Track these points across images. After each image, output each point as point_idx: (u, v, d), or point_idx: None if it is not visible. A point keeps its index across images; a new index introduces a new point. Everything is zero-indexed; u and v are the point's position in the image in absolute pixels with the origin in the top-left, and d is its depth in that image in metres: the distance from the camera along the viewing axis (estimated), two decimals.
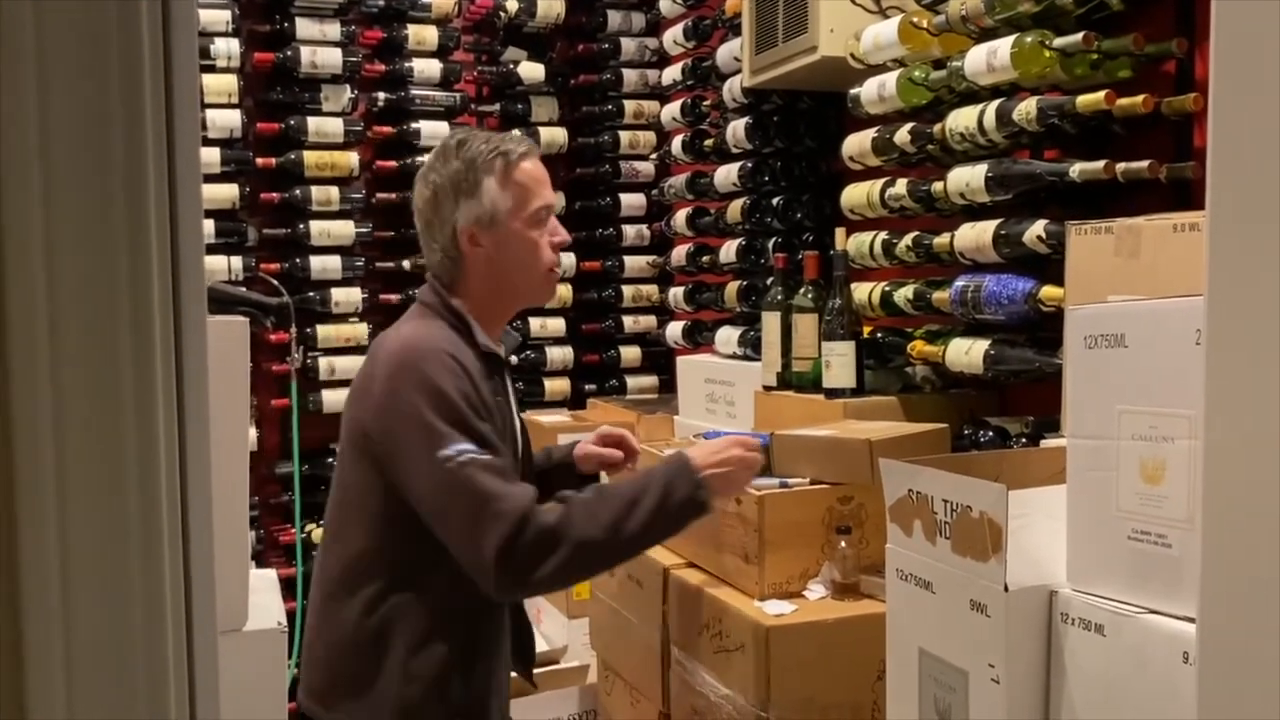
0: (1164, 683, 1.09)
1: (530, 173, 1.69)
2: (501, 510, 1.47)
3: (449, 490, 1.50)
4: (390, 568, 1.60)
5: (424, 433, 1.51)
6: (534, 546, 1.47)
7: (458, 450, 1.49)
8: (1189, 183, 1.80)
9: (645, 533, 1.55)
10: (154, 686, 0.54)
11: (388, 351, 1.60)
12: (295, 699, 1.68)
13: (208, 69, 3.26)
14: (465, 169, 1.66)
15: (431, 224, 1.68)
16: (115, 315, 0.54)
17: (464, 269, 1.68)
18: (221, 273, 3.27)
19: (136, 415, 0.54)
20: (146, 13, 0.56)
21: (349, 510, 1.64)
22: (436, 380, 1.53)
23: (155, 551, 0.54)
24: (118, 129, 0.53)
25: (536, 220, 1.69)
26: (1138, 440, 1.14)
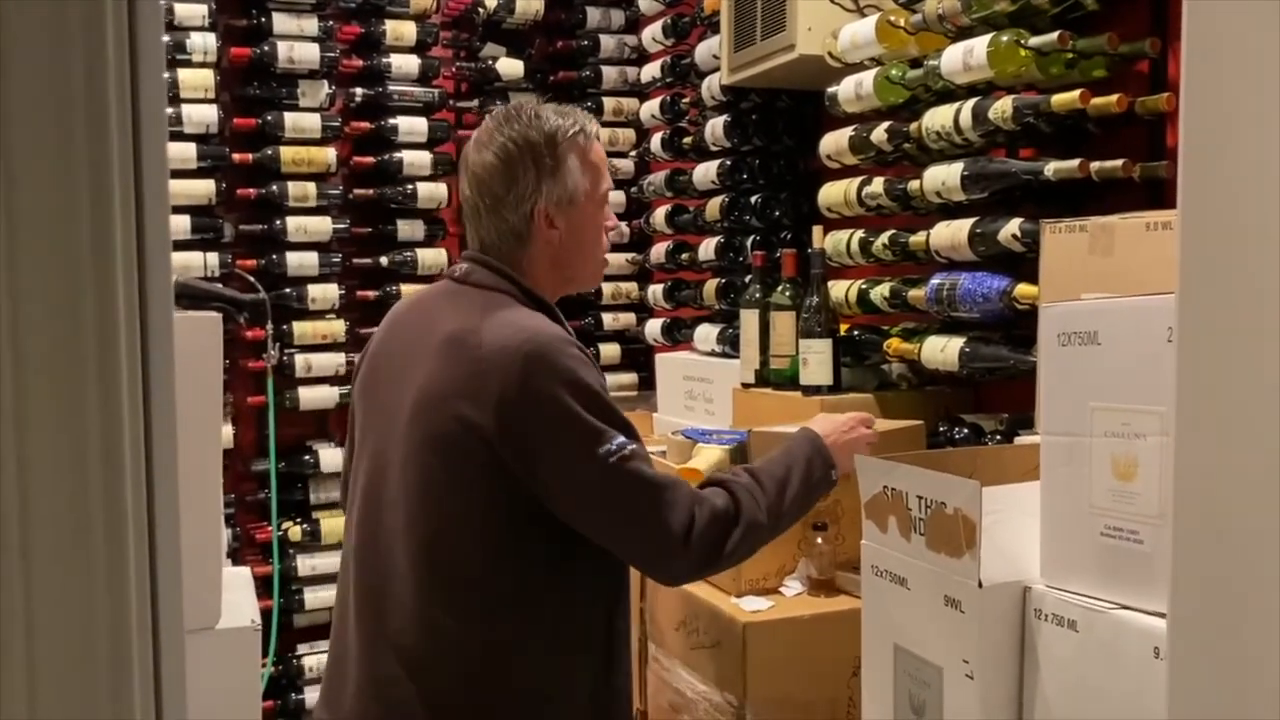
0: (1135, 678, 1.10)
1: (601, 153, 1.61)
2: (676, 498, 1.42)
3: (620, 487, 1.40)
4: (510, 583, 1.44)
5: (579, 431, 1.39)
6: (711, 529, 1.44)
7: (618, 445, 1.40)
8: (1162, 182, 1.81)
9: (792, 513, 1.57)
10: (118, 687, 0.53)
11: (506, 352, 1.40)
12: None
13: (184, 63, 3.24)
14: (546, 142, 1.52)
15: (502, 200, 1.52)
16: (78, 312, 0.53)
17: (528, 249, 1.54)
18: (197, 269, 3.24)
19: (100, 413, 0.54)
20: (111, 6, 0.55)
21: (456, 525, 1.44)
22: (577, 373, 1.41)
23: (120, 551, 0.54)
24: (80, 120, 0.53)
25: (604, 203, 1.61)
26: (1110, 437, 1.15)
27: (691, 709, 1.84)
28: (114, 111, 0.55)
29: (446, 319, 1.49)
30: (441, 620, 1.43)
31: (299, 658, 3.44)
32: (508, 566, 1.44)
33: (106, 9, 0.54)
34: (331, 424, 3.55)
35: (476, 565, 1.44)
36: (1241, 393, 0.74)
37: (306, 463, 3.42)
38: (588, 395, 1.41)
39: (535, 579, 1.45)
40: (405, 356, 1.52)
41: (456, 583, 1.44)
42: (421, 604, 1.44)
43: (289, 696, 3.42)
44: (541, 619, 1.45)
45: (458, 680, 1.44)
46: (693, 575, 1.55)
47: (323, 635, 3.51)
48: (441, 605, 1.44)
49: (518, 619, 1.44)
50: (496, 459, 1.39)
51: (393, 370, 1.54)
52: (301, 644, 3.48)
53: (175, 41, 3.20)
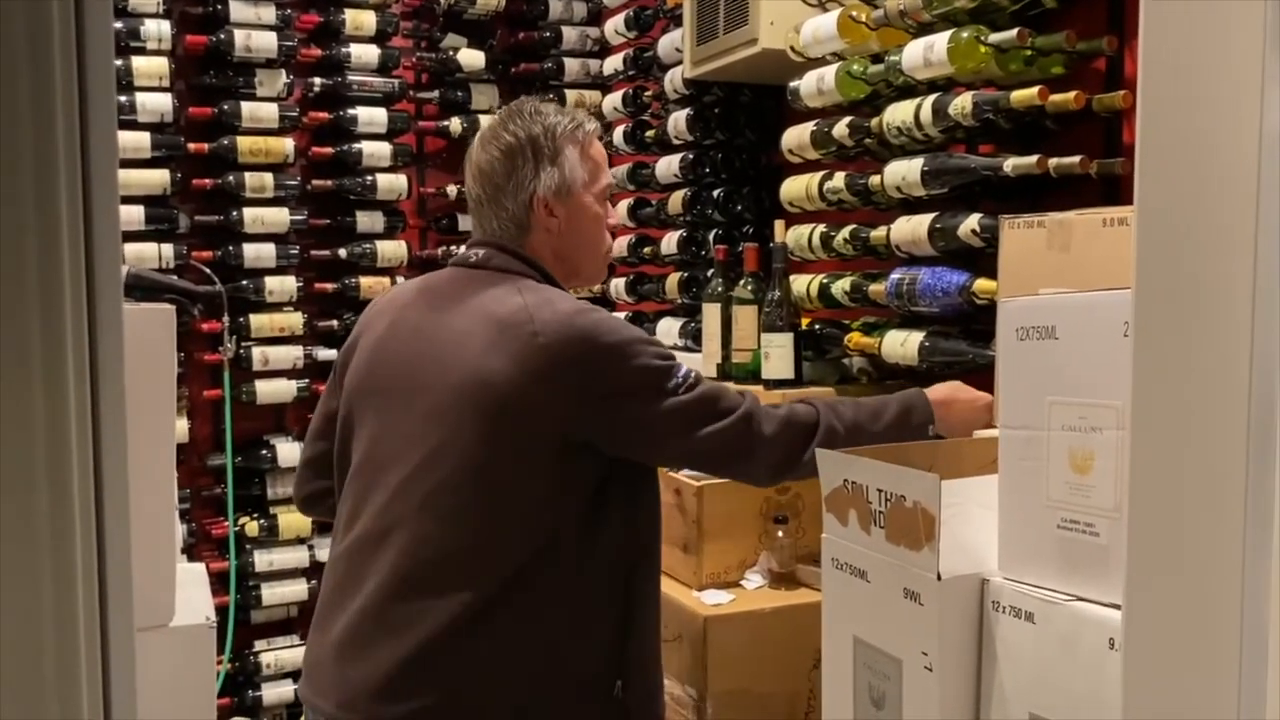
0: (1091, 668, 1.12)
1: (600, 151, 1.68)
2: (737, 398, 1.54)
3: (690, 410, 1.50)
4: (552, 572, 1.47)
5: (653, 378, 1.49)
6: (792, 427, 1.55)
7: (681, 375, 1.51)
8: (1118, 178, 1.83)
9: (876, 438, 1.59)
10: (65, 687, 0.52)
11: (562, 331, 1.46)
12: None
13: (138, 51, 3.18)
14: (545, 135, 1.61)
15: (502, 189, 1.61)
16: (22, 304, 0.52)
17: (530, 238, 1.62)
18: (152, 260, 3.19)
19: (46, 406, 0.52)
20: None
21: (496, 524, 1.46)
22: (625, 331, 1.52)
23: (66, 548, 0.52)
24: (24, 104, 0.51)
25: (605, 198, 1.67)
26: (1067, 431, 1.16)
27: None
28: (59, 96, 0.54)
29: (483, 303, 1.51)
30: (470, 601, 1.43)
31: (256, 654, 3.40)
32: (537, 549, 1.46)
33: None
34: (289, 418, 3.51)
35: (507, 549, 1.45)
36: (1196, 387, 0.75)
37: (264, 457, 3.38)
38: (642, 345, 1.51)
39: (560, 561, 1.48)
40: (430, 343, 1.52)
41: (479, 569, 1.44)
42: (445, 587, 1.44)
43: (246, 694, 3.38)
44: (561, 599, 1.48)
45: (499, 653, 1.44)
46: (779, 466, 1.58)
47: (280, 631, 3.47)
48: (469, 588, 1.44)
49: (541, 599, 1.46)
50: (553, 434, 1.46)
51: (418, 360, 1.53)
52: (259, 640, 3.44)
53: (129, 28, 3.14)
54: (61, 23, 0.54)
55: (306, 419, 3.45)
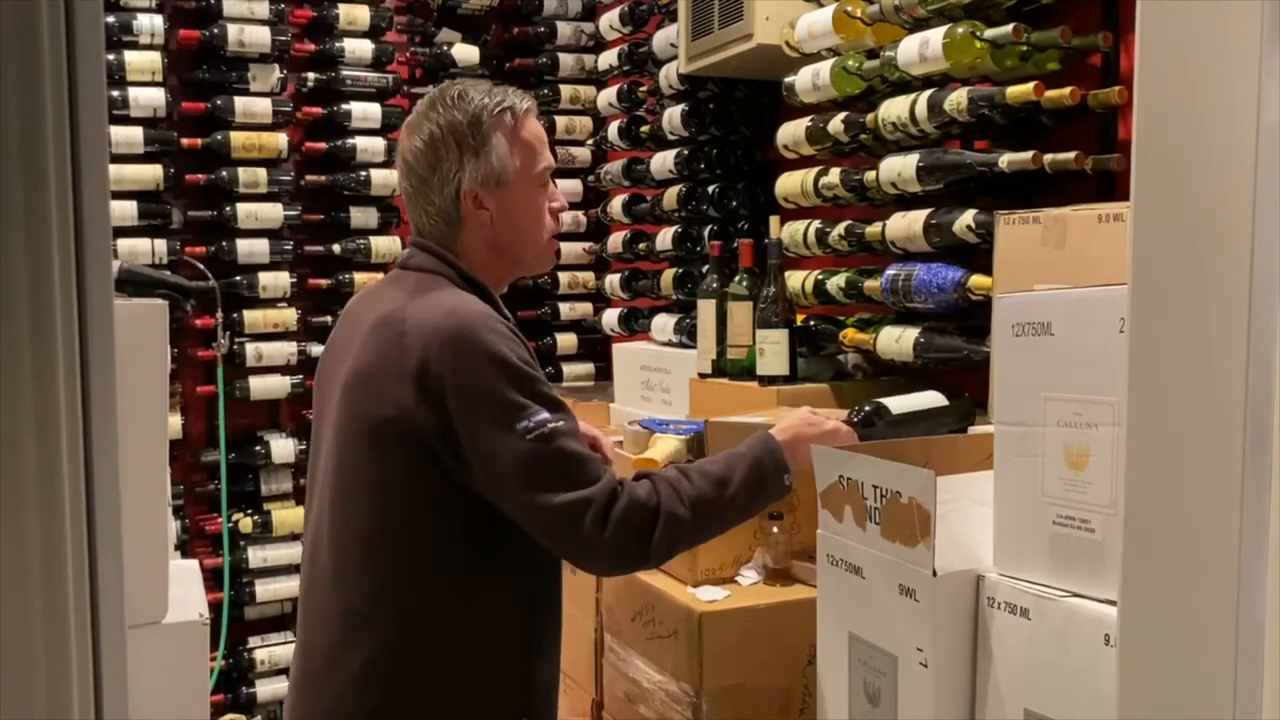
0: (1086, 664, 1.12)
1: (535, 131, 1.57)
2: (595, 480, 1.39)
3: (536, 463, 1.37)
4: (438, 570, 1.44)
5: (497, 405, 1.37)
6: (631, 516, 1.39)
7: (537, 421, 1.38)
8: (1114, 174, 1.83)
9: (733, 512, 1.51)
10: (56, 685, 0.52)
11: (430, 328, 1.40)
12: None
13: (130, 45, 3.16)
14: (470, 122, 1.50)
15: (428, 182, 1.52)
16: (10, 299, 0.51)
17: (461, 233, 1.54)
18: (145, 256, 3.18)
19: (35, 403, 0.52)
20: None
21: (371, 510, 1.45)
22: (497, 347, 1.39)
23: (57, 545, 0.52)
24: (12, 100, 0.51)
25: (541, 183, 1.57)
26: (1063, 427, 1.16)
27: (648, 699, 1.84)
28: (49, 91, 0.53)
29: (381, 303, 1.50)
30: (354, 603, 1.45)
31: (250, 651, 3.39)
32: (421, 548, 1.44)
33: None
34: (283, 414, 3.50)
35: (392, 546, 1.44)
36: (1193, 383, 0.75)
37: (257, 453, 3.37)
38: (508, 370, 1.39)
39: (451, 561, 1.44)
40: (345, 344, 1.53)
41: (369, 565, 1.45)
42: (339, 588, 1.46)
43: (240, 690, 3.37)
44: (450, 604, 1.44)
45: (367, 665, 1.44)
46: (613, 561, 1.44)
47: (274, 628, 3.47)
48: (355, 588, 1.45)
49: (425, 604, 1.44)
50: (419, 437, 1.40)
51: (336, 359, 1.55)
52: (253, 637, 3.44)
53: (121, 23, 3.13)
54: (51, 17, 0.53)
55: (300, 415, 3.47)
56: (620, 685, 1.95)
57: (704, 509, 1.46)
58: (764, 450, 1.54)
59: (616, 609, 1.97)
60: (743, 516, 1.57)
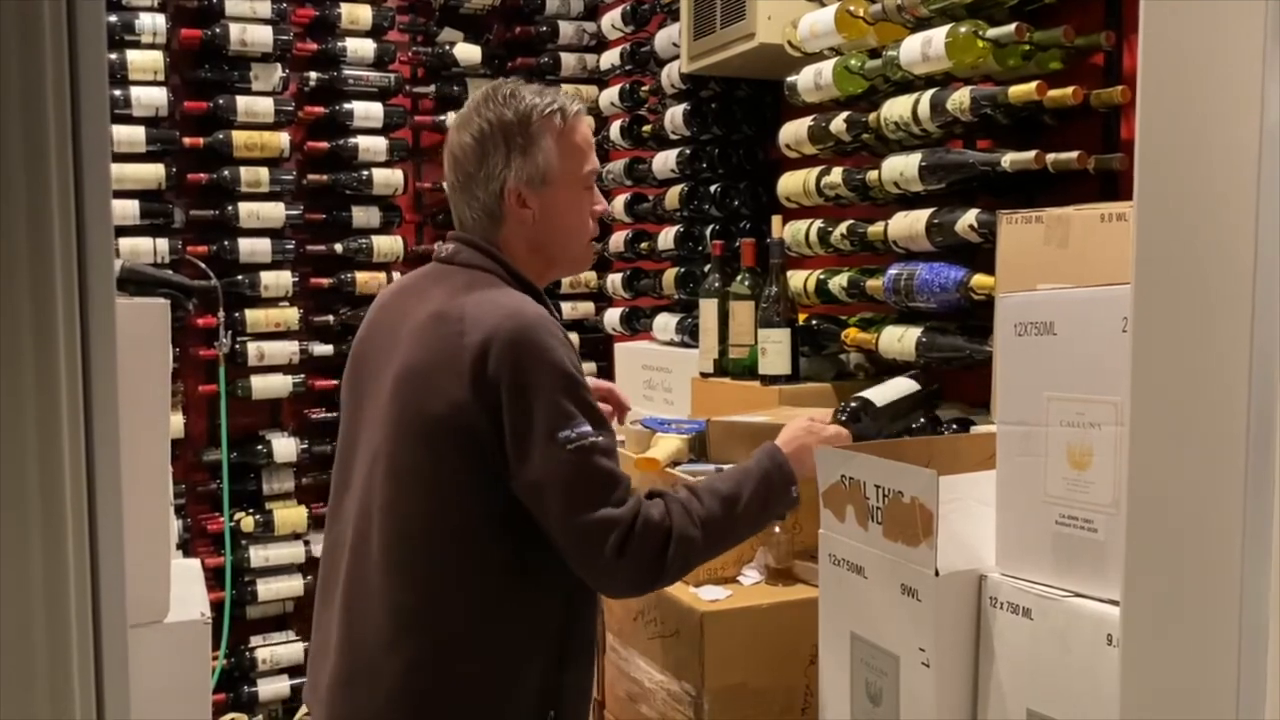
0: (1088, 664, 1.11)
1: (584, 133, 1.57)
2: (622, 501, 1.40)
3: (569, 473, 1.38)
4: (489, 568, 1.44)
5: (544, 410, 1.38)
6: (649, 537, 1.39)
7: (579, 432, 1.38)
8: (1116, 174, 1.83)
9: (743, 529, 1.53)
10: (57, 685, 0.51)
11: (492, 328, 1.40)
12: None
13: (133, 45, 3.16)
14: (519, 121, 1.51)
15: (474, 177, 1.53)
16: (12, 299, 0.51)
17: (503, 230, 1.54)
18: (147, 255, 3.18)
19: (37, 402, 0.52)
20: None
21: (423, 507, 1.44)
22: (555, 354, 1.40)
23: (58, 545, 0.52)
24: (14, 99, 0.50)
25: (584, 186, 1.57)
26: (1065, 426, 1.16)
27: (649, 698, 1.84)
28: (50, 90, 0.53)
29: (431, 298, 1.49)
30: (405, 601, 1.44)
31: (252, 650, 3.39)
32: (473, 547, 1.43)
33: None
34: (285, 413, 3.50)
35: (444, 544, 1.43)
36: (1196, 383, 0.75)
37: (259, 453, 3.37)
38: (563, 377, 1.40)
39: (498, 562, 1.44)
40: (390, 339, 1.52)
41: (421, 563, 1.44)
42: (389, 586, 1.44)
43: (242, 689, 3.37)
44: (498, 604, 1.45)
45: (414, 664, 1.43)
46: (626, 584, 1.45)
47: (276, 627, 3.47)
48: (407, 587, 1.44)
49: (474, 603, 1.44)
50: (472, 436, 1.40)
51: (378, 356, 1.53)
52: (254, 636, 3.44)
53: (123, 22, 3.13)
54: (53, 16, 0.53)
55: (302, 414, 3.47)
56: (622, 685, 1.95)
57: (715, 528, 1.46)
58: (771, 464, 1.55)
59: (618, 608, 1.97)
60: (751, 532, 1.59)
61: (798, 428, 1.63)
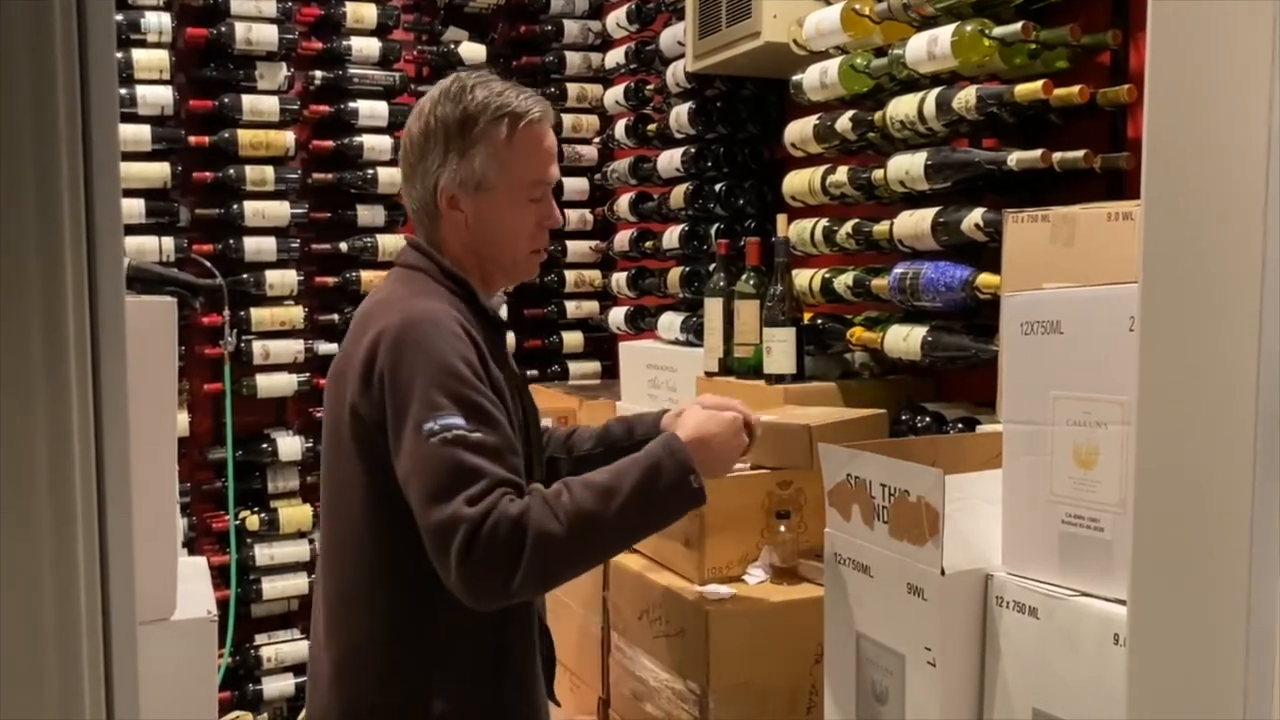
0: (1095, 664, 1.11)
1: (539, 140, 1.50)
2: (479, 494, 1.29)
3: (429, 465, 1.31)
4: (398, 572, 1.41)
5: (415, 401, 1.33)
6: (496, 536, 1.27)
7: (444, 424, 1.31)
8: (1123, 173, 1.83)
9: (630, 524, 1.37)
10: (67, 684, 0.52)
11: (386, 326, 1.40)
12: None
13: (138, 43, 3.17)
14: (462, 122, 1.46)
15: (415, 170, 1.51)
16: (23, 298, 0.51)
17: (441, 229, 1.52)
18: (152, 253, 3.18)
19: (47, 399, 0.52)
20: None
21: (345, 510, 1.45)
22: (435, 347, 1.36)
23: (68, 544, 0.52)
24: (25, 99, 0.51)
25: (529, 196, 1.50)
26: (1072, 425, 1.16)
27: (654, 697, 1.84)
28: (61, 89, 0.53)
29: (371, 301, 1.53)
30: (333, 603, 1.48)
31: (257, 648, 3.40)
32: (390, 547, 1.42)
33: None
34: (290, 412, 3.51)
35: (359, 550, 1.45)
36: (1203, 382, 0.75)
37: (264, 451, 3.38)
38: (437, 370, 1.35)
39: (414, 563, 1.37)
40: (346, 343, 1.54)
41: (347, 562, 1.46)
42: (324, 587, 1.50)
43: (247, 687, 3.38)
44: (421, 606, 1.42)
45: (339, 663, 1.46)
46: (480, 589, 1.31)
47: (281, 625, 3.48)
48: (334, 589, 1.48)
49: (397, 604, 1.43)
50: (369, 435, 1.40)
51: (339, 362, 1.56)
52: (259, 634, 3.44)
53: (129, 21, 3.13)
54: (63, 14, 0.53)
55: (307, 413, 3.48)
56: (627, 683, 1.95)
57: (585, 523, 1.31)
58: (663, 452, 1.39)
59: (623, 607, 1.97)
60: (645, 528, 1.43)
61: (699, 414, 1.50)
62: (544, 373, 3.80)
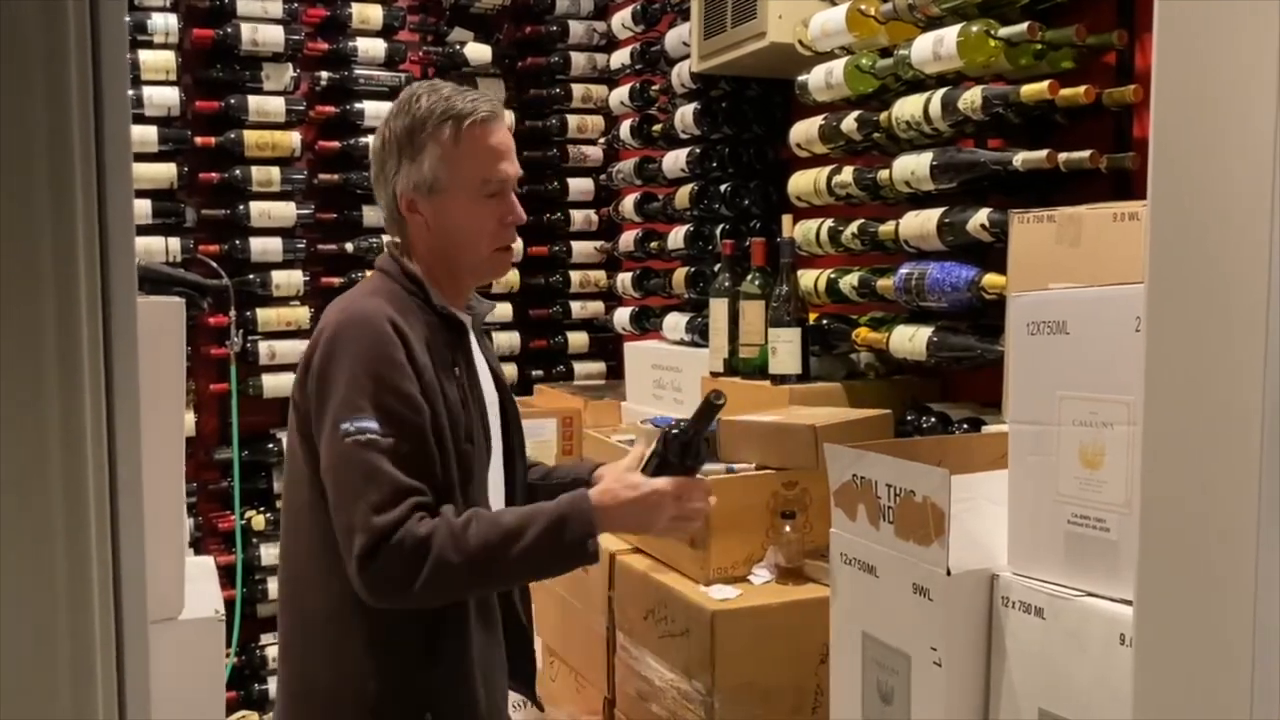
0: (1101, 664, 1.11)
1: (483, 139, 1.53)
2: (390, 504, 1.35)
3: (341, 466, 1.38)
4: (339, 556, 1.43)
5: (336, 399, 1.40)
6: (407, 549, 1.35)
7: (359, 427, 1.38)
8: (1129, 173, 1.83)
9: (520, 569, 1.44)
10: (79, 683, 0.52)
11: (328, 322, 1.48)
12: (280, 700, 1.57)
13: (145, 45, 3.18)
14: (409, 129, 1.52)
15: (378, 179, 1.58)
16: (38, 299, 0.52)
17: (408, 234, 1.57)
18: (159, 254, 3.19)
19: (61, 401, 0.52)
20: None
21: (294, 495, 1.52)
22: (365, 348, 1.42)
23: (81, 542, 0.52)
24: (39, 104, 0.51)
25: (484, 193, 1.54)
26: (1078, 426, 1.16)
27: (659, 697, 1.85)
28: (75, 95, 0.54)
29: None
30: (285, 580, 1.54)
31: (262, 648, 3.40)
32: (323, 540, 1.45)
33: None
34: None
35: (301, 535, 1.51)
36: (1208, 382, 0.75)
37: (270, 451, 3.38)
38: (363, 371, 1.41)
39: (342, 567, 1.42)
40: None
41: (291, 552, 1.53)
42: (281, 567, 1.57)
43: (252, 687, 3.38)
44: (349, 598, 1.43)
45: (283, 647, 1.54)
46: (376, 592, 1.38)
47: None
48: (289, 565, 1.54)
49: (327, 594, 1.47)
50: (306, 429, 1.48)
51: None
52: (265, 634, 3.45)
53: (136, 22, 3.14)
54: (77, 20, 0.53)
55: None
56: (632, 683, 1.95)
57: (484, 559, 1.38)
58: (572, 511, 1.44)
59: (628, 607, 1.97)
60: (536, 572, 1.52)
61: (616, 481, 1.51)
62: (549, 373, 3.80)
